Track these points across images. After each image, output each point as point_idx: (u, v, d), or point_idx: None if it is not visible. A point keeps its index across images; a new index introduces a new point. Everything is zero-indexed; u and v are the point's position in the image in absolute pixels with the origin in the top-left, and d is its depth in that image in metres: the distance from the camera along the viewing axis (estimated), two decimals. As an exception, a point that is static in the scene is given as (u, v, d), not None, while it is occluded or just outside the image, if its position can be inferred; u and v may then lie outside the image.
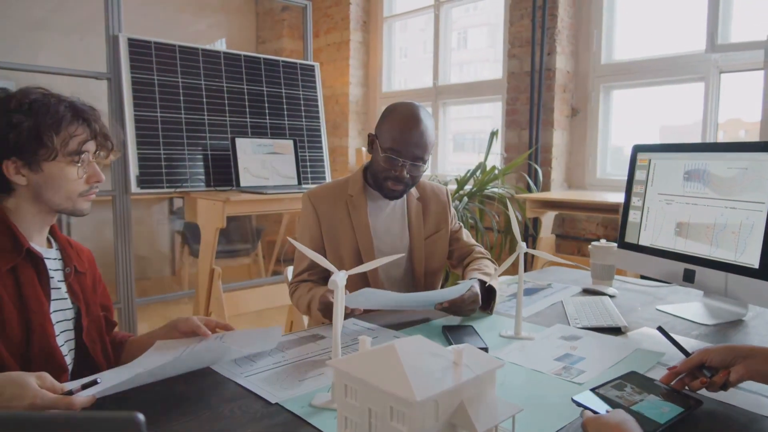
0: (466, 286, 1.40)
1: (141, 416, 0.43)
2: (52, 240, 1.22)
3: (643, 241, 1.65)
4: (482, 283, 1.50)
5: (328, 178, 3.12)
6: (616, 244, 1.79)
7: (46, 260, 1.14)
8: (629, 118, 3.76)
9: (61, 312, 1.16)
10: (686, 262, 1.50)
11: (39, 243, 1.16)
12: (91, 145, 1.15)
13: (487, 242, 3.51)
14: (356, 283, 1.54)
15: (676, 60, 3.34)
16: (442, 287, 1.75)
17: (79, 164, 1.14)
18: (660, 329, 1.10)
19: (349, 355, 0.84)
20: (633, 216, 1.70)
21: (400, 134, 1.52)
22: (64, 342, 1.16)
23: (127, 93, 2.40)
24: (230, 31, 5.54)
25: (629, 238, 1.70)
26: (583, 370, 1.11)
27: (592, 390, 0.94)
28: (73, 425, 0.45)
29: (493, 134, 3.64)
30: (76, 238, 1.38)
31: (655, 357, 1.18)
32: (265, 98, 2.85)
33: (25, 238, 1.11)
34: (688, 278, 1.50)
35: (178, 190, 2.58)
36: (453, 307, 1.40)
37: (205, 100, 2.66)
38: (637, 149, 1.72)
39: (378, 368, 0.78)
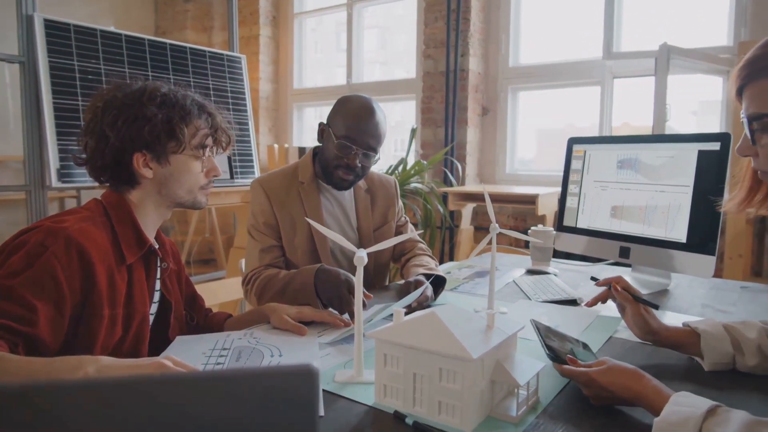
0: (420, 289, 1.37)
1: (316, 366, 0.45)
2: None
3: (581, 224, 1.83)
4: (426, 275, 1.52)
5: (257, 173, 3.06)
6: (553, 229, 1.96)
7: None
8: (532, 119, 4.08)
9: (152, 306, 1.18)
10: (622, 240, 1.70)
11: (151, 239, 1.17)
12: (210, 140, 1.17)
13: (410, 235, 3.63)
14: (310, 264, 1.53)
15: (576, 65, 3.69)
16: (389, 282, 1.82)
17: (203, 158, 1.15)
18: (593, 278, 1.26)
19: (387, 326, 0.88)
20: (570, 202, 1.88)
21: (356, 123, 1.52)
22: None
23: (45, 79, 2.18)
24: (123, 19, 5.18)
25: (567, 221, 1.88)
26: (562, 335, 1.23)
27: (547, 350, 0.95)
28: (249, 378, 0.45)
29: (414, 131, 3.78)
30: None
31: (615, 322, 1.33)
32: (192, 90, 2.74)
33: (145, 234, 1.12)
34: (624, 254, 1.69)
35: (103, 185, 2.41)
36: (419, 306, 1.39)
37: (129, 89, 2.50)
38: (573, 141, 1.90)
39: (423, 334, 0.83)
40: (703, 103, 3.57)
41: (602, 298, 1.22)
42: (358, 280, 0.98)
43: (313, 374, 0.46)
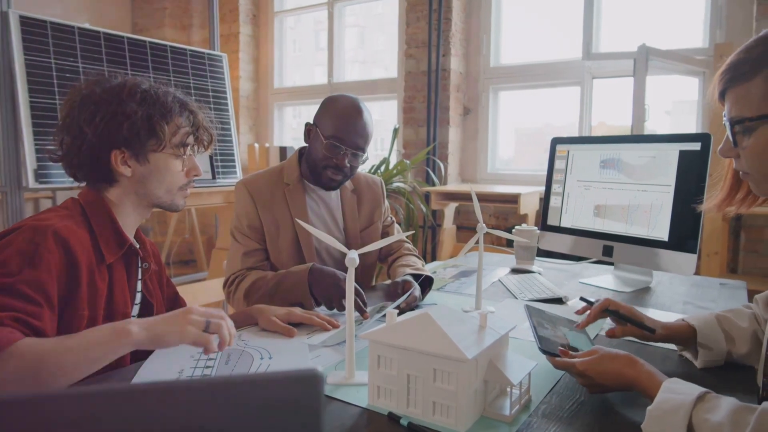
0: (409, 291, 1.39)
1: (321, 369, 0.45)
2: None
3: (565, 223, 1.85)
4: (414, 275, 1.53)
5: (239, 174, 3.03)
6: (537, 228, 1.98)
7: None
8: (511, 118, 4.12)
9: (134, 308, 1.16)
10: (605, 239, 1.72)
11: (131, 238, 1.14)
12: (192, 138, 1.14)
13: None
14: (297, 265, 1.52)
15: (556, 66, 3.73)
16: (375, 282, 1.82)
17: (184, 157, 1.12)
18: (582, 299, 1.22)
19: (381, 327, 0.88)
20: (554, 201, 1.90)
21: (344, 123, 1.52)
22: None
23: (21, 77, 2.13)
24: (98, 16, 5.07)
25: (551, 221, 1.90)
26: (549, 334, 1.24)
27: (540, 341, 0.96)
28: (255, 383, 0.45)
29: (396, 131, 3.78)
30: None
31: (601, 320, 1.34)
32: (173, 87, 2.70)
33: (125, 233, 1.09)
34: (607, 253, 1.72)
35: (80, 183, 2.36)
36: (407, 307, 1.40)
37: (108, 88, 2.45)
38: (556, 141, 1.92)
39: (417, 335, 0.83)
40: (677, 103, 3.64)
41: (592, 320, 1.13)
42: (349, 281, 0.98)
43: (318, 379, 0.46)
